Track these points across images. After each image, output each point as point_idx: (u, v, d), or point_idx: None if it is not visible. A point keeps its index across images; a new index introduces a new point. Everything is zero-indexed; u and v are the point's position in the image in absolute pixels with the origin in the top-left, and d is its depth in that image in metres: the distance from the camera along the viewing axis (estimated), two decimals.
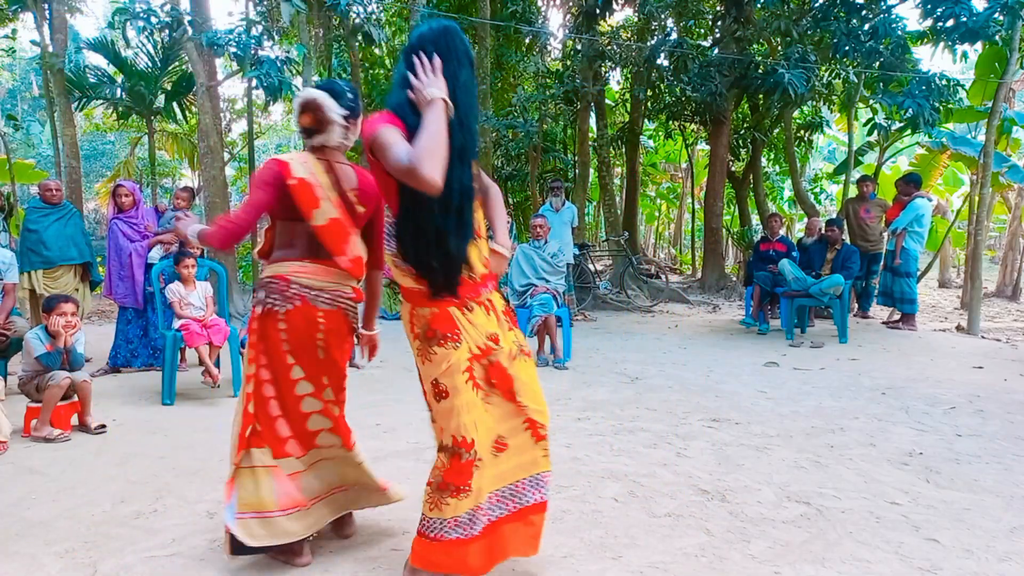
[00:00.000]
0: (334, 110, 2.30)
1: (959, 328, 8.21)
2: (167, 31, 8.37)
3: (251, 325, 2.31)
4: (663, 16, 11.39)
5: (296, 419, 2.30)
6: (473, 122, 2.00)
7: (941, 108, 8.64)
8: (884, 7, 8.94)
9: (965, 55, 8.32)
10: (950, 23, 7.77)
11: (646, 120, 14.61)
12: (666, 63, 10.78)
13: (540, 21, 12.44)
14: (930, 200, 8.26)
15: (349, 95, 2.36)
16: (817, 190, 16.51)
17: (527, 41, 12.51)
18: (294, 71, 10.28)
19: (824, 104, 12.13)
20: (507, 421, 2.12)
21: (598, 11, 10.61)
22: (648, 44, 10.97)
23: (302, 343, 2.28)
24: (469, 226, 2.02)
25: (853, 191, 9.20)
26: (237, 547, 2.21)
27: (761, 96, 11.38)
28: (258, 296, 2.31)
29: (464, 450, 2.00)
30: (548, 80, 12.11)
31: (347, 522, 2.51)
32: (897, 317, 7.84)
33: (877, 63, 8.89)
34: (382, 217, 2.21)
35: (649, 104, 13.45)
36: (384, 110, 1.99)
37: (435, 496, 2.04)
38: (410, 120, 1.91)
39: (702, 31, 12.57)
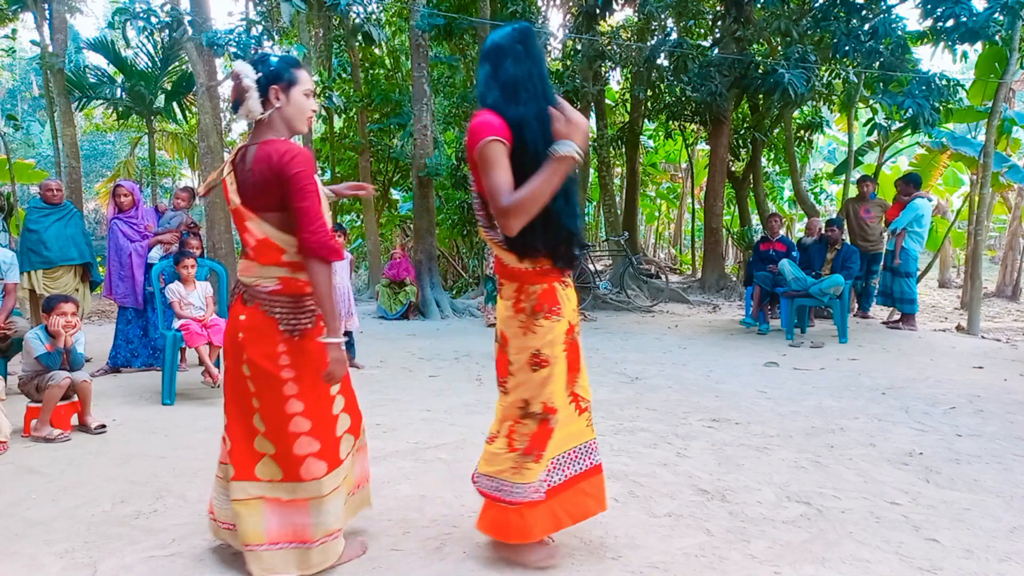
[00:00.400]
0: (249, 76, 2.14)
1: (959, 328, 8.21)
2: (167, 31, 8.39)
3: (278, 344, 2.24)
4: (663, 16, 11.39)
5: (321, 433, 2.26)
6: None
7: (941, 108, 8.65)
8: (884, 7, 8.94)
9: (965, 55, 8.32)
10: (950, 23, 7.77)
11: (646, 120, 14.61)
12: (666, 63, 10.78)
13: (540, 21, 12.43)
14: (930, 200, 8.26)
15: (273, 60, 2.20)
16: (817, 190, 16.52)
17: None
18: None
19: (824, 104, 12.13)
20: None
21: (598, 11, 10.61)
22: (648, 44, 10.97)
23: (228, 349, 2.24)
24: (577, 207, 2.17)
25: (853, 191, 9.20)
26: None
27: (761, 96, 11.39)
28: (276, 312, 2.23)
29: (551, 416, 2.17)
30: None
31: None
32: (897, 317, 7.84)
33: (877, 63, 8.89)
34: (293, 197, 2.06)
35: (649, 104, 13.45)
36: (487, 108, 2.04)
37: (520, 461, 2.16)
38: (510, 113, 2.01)
39: (702, 31, 12.58)
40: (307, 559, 2.18)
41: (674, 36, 11.22)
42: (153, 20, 7.98)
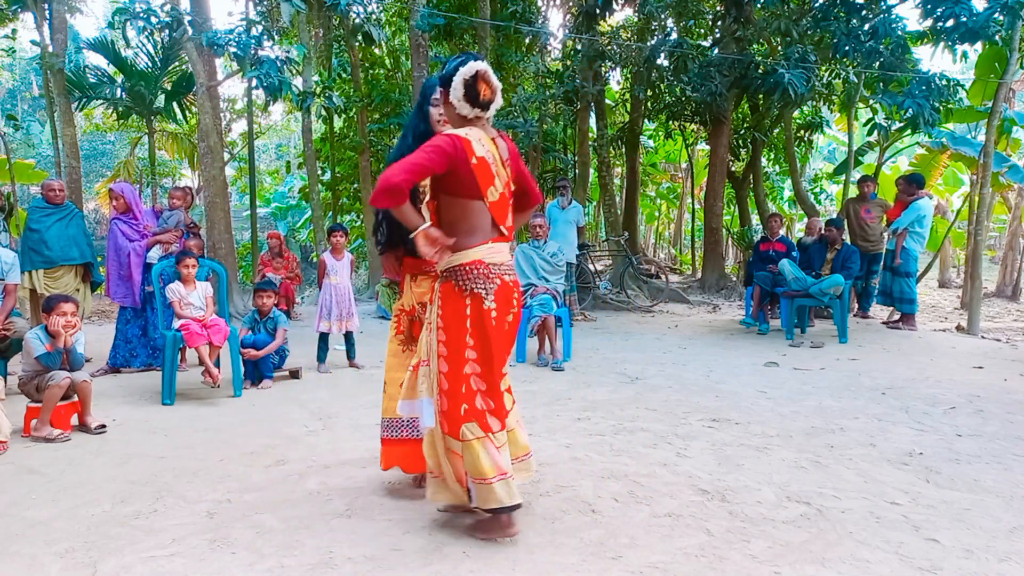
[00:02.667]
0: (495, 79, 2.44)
1: (959, 328, 8.21)
2: (167, 31, 8.38)
3: (455, 310, 2.41)
4: (663, 16, 11.39)
5: (496, 396, 2.48)
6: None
7: (941, 108, 8.65)
8: (884, 7, 8.94)
9: (965, 55, 8.32)
10: (950, 23, 7.77)
11: (646, 120, 14.60)
12: (666, 63, 10.78)
13: (540, 21, 12.43)
14: (931, 199, 8.26)
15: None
16: (817, 190, 16.52)
17: (527, 41, 12.51)
18: (294, 71, 10.29)
19: (824, 104, 12.13)
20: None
21: (598, 11, 10.60)
22: (648, 44, 10.97)
23: (502, 321, 2.48)
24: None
25: (853, 191, 9.20)
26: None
27: (761, 96, 11.39)
28: (461, 283, 2.40)
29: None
30: (548, 80, 12.11)
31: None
32: (897, 317, 7.84)
33: (877, 63, 8.89)
34: (525, 170, 2.64)
35: (649, 104, 13.44)
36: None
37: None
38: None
39: (702, 31, 12.57)
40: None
41: (674, 36, 11.22)
42: (153, 20, 7.97)
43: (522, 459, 2.65)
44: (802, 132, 13.00)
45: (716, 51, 11.04)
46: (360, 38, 10.32)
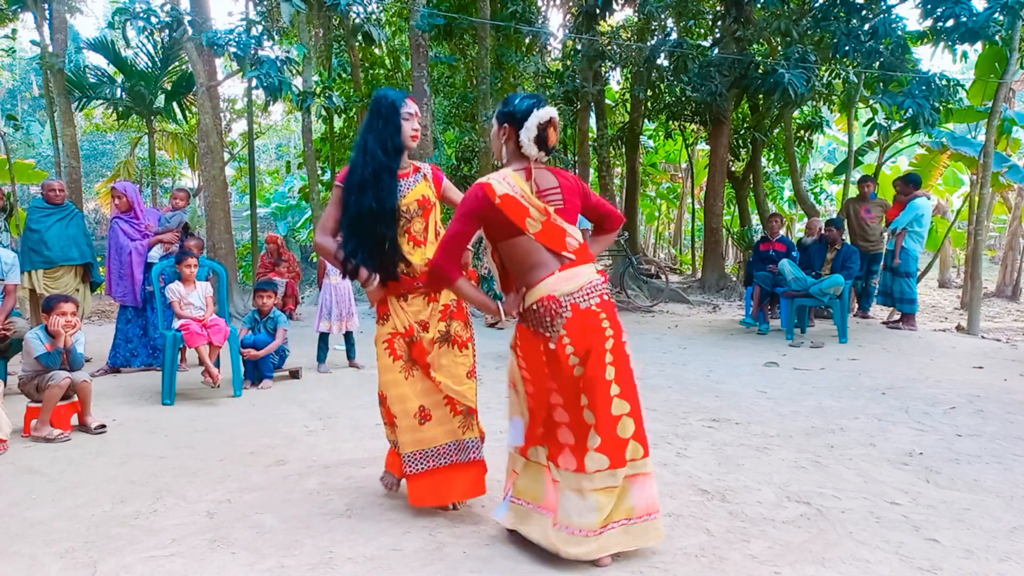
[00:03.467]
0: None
1: (959, 328, 8.21)
2: (167, 31, 8.38)
3: (532, 350, 2.35)
4: (663, 16, 11.40)
5: (580, 432, 2.30)
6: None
7: (941, 108, 8.65)
8: (884, 7, 8.94)
9: (965, 55, 8.31)
10: (950, 23, 7.77)
11: (646, 120, 14.61)
12: (666, 63, 10.78)
13: (540, 21, 12.43)
14: (928, 199, 8.26)
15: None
16: (817, 190, 16.51)
17: (527, 41, 12.51)
18: (294, 71, 10.28)
19: (824, 104, 12.13)
20: (429, 396, 2.67)
21: (598, 11, 10.61)
22: (648, 44, 10.97)
23: (582, 354, 2.31)
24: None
25: (853, 191, 9.20)
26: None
27: (761, 96, 11.39)
28: (530, 324, 2.35)
29: (382, 402, 2.75)
30: (548, 80, 12.12)
31: None
32: (897, 317, 7.84)
33: (877, 63, 8.89)
34: (593, 198, 2.60)
35: (649, 104, 13.45)
36: (348, 165, 2.66)
37: (390, 431, 2.77)
38: (352, 176, 2.65)
39: (702, 31, 12.58)
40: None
41: (674, 36, 11.22)
42: (153, 20, 7.97)
43: (625, 523, 2.30)
44: (802, 132, 13.00)
45: (716, 51, 11.04)
46: (360, 38, 10.32)
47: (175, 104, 12.47)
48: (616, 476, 2.25)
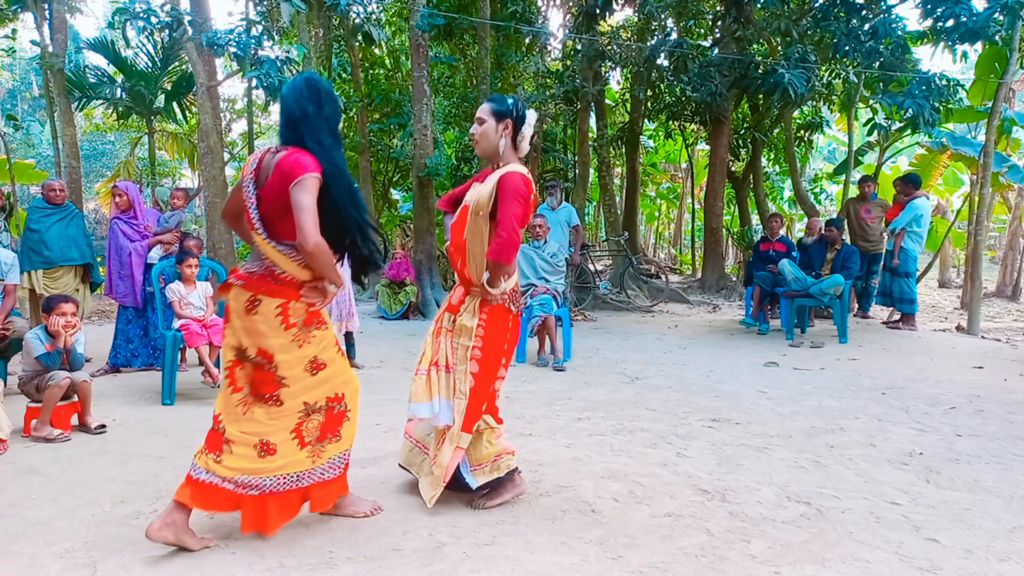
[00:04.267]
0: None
1: (959, 328, 8.21)
2: (167, 31, 8.38)
3: (508, 327, 2.70)
4: (663, 16, 11.40)
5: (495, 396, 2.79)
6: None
7: (941, 108, 8.65)
8: (884, 7, 8.94)
9: (965, 55, 8.32)
10: (950, 23, 7.77)
11: (646, 120, 14.61)
12: (666, 63, 10.78)
13: (540, 21, 12.43)
14: (928, 199, 8.26)
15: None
16: (817, 190, 16.52)
17: (527, 41, 12.51)
18: (294, 71, 10.28)
19: (824, 104, 12.13)
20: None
21: (598, 11, 10.61)
22: (648, 44, 10.97)
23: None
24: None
25: (853, 191, 9.20)
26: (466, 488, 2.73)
27: (761, 96, 11.39)
28: (510, 304, 2.71)
29: (337, 403, 2.51)
30: (548, 80, 12.12)
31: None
32: (897, 317, 7.84)
33: (877, 63, 8.89)
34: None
35: (649, 104, 13.45)
36: (316, 159, 2.30)
37: (316, 448, 2.47)
38: (330, 169, 2.33)
39: (702, 31, 12.58)
40: None
41: (674, 36, 11.22)
42: (153, 20, 7.97)
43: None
44: (802, 132, 13.00)
45: (716, 51, 11.04)
46: (360, 38, 10.32)
47: (175, 104, 12.48)
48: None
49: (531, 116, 2.69)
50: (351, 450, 2.61)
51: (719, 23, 11.56)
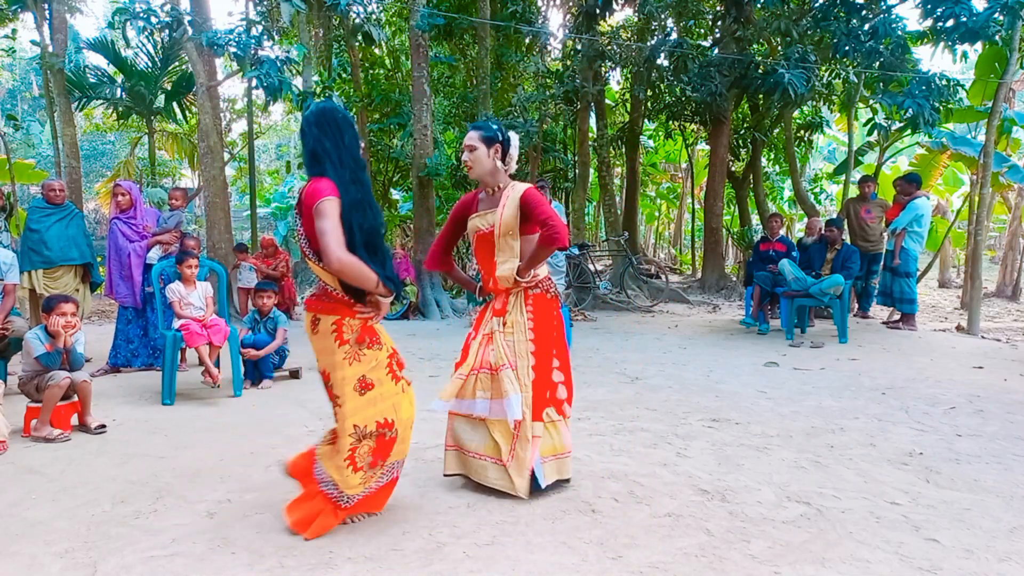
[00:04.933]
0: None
1: (959, 328, 8.21)
2: (167, 31, 8.38)
3: (554, 313, 2.95)
4: (663, 16, 11.40)
5: (569, 384, 2.99)
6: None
7: (941, 108, 8.65)
8: (884, 7, 8.94)
9: (965, 55, 8.32)
10: (950, 23, 7.77)
11: (646, 120, 14.61)
12: (666, 63, 10.78)
13: (540, 21, 12.44)
14: (929, 199, 8.26)
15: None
16: (817, 190, 16.52)
17: (527, 41, 12.51)
18: (294, 71, 10.28)
19: (824, 104, 12.13)
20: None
21: (598, 11, 10.61)
22: (648, 44, 10.97)
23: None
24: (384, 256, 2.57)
25: (853, 191, 9.20)
26: (536, 488, 2.83)
27: (761, 96, 11.39)
28: (549, 291, 2.97)
29: (388, 430, 2.55)
30: (548, 80, 12.12)
31: None
32: (897, 317, 7.84)
33: (877, 63, 8.89)
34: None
35: (649, 104, 13.45)
36: (331, 180, 2.42)
37: (367, 475, 2.55)
38: (349, 194, 2.42)
39: (702, 31, 12.58)
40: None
41: (674, 36, 11.22)
42: (153, 20, 7.97)
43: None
44: (802, 132, 13.00)
45: (716, 51, 11.04)
46: (360, 38, 10.32)
47: (175, 104, 12.48)
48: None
49: (514, 137, 2.95)
50: (403, 460, 2.70)
51: (719, 23, 11.56)
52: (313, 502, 2.55)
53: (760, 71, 9.92)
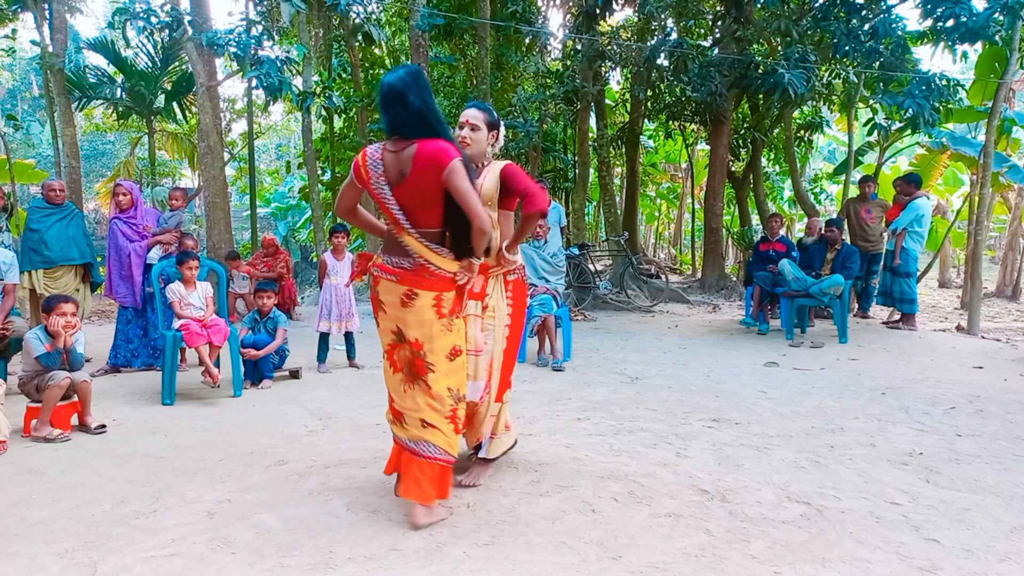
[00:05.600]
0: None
1: (959, 328, 8.21)
2: (167, 31, 8.39)
3: (523, 300, 3.02)
4: (663, 16, 11.40)
5: None
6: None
7: (941, 108, 8.65)
8: (884, 7, 8.94)
9: (965, 55, 8.32)
10: (950, 23, 7.77)
11: (646, 120, 14.61)
12: (666, 63, 10.78)
13: (540, 21, 12.44)
14: (929, 199, 8.26)
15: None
16: (817, 190, 16.52)
17: (527, 41, 12.51)
18: (294, 71, 10.29)
19: (824, 104, 12.13)
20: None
21: (598, 11, 10.61)
22: (648, 44, 10.97)
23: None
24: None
25: (854, 191, 9.20)
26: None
27: (761, 96, 11.39)
28: (524, 278, 3.06)
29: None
30: (548, 80, 12.12)
31: None
32: (897, 317, 7.84)
33: (877, 63, 8.89)
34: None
35: (649, 104, 13.45)
36: (452, 144, 2.47)
37: (468, 434, 2.96)
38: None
39: (702, 31, 12.58)
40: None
41: (674, 36, 11.21)
42: (153, 20, 7.98)
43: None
44: (802, 132, 13.00)
45: (716, 51, 11.04)
46: (360, 38, 10.33)
47: (175, 104, 12.49)
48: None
49: (503, 128, 3.08)
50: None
51: (719, 23, 11.56)
52: (427, 475, 2.59)
53: (760, 71, 9.92)
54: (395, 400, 2.70)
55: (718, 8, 11.68)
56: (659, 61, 10.74)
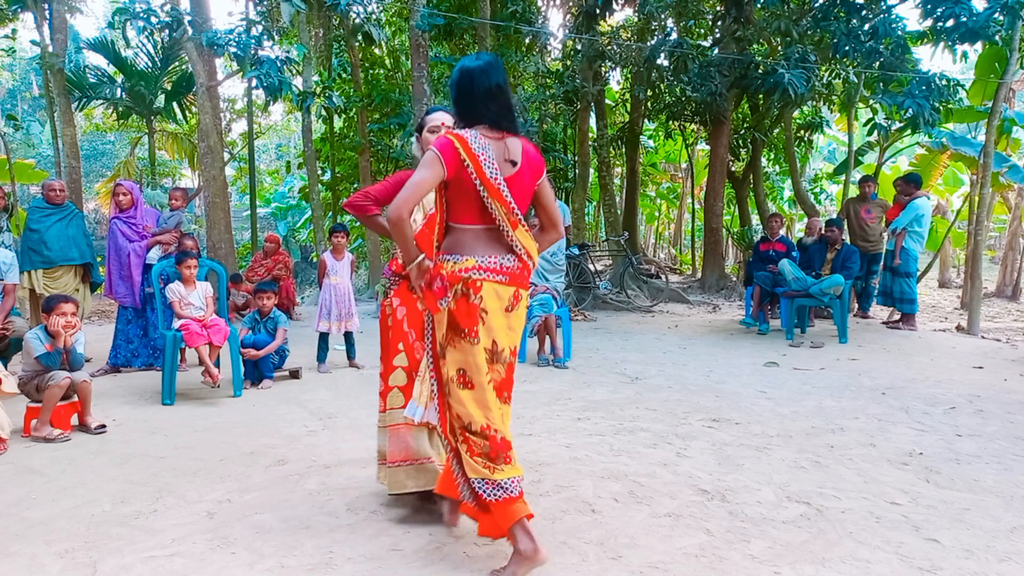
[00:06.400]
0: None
1: (959, 328, 8.21)
2: (167, 31, 8.39)
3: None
4: (663, 16, 11.40)
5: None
6: None
7: (941, 108, 8.65)
8: (884, 7, 8.94)
9: (965, 55, 8.32)
10: (950, 23, 7.77)
11: (646, 120, 14.61)
12: (666, 63, 10.78)
13: (540, 21, 12.44)
14: (929, 199, 8.26)
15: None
16: (817, 190, 16.51)
17: (527, 41, 12.51)
18: (294, 71, 10.29)
19: (824, 104, 12.14)
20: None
21: (598, 11, 10.61)
22: (648, 44, 10.97)
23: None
24: None
25: (853, 191, 9.20)
26: None
27: (761, 96, 11.39)
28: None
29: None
30: (548, 80, 12.12)
31: None
32: (897, 317, 7.84)
33: (877, 63, 8.89)
34: None
35: (649, 104, 13.45)
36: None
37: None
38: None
39: (702, 31, 12.58)
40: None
41: (674, 36, 11.22)
42: (153, 20, 7.98)
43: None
44: (802, 132, 13.00)
45: (716, 51, 11.04)
46: (360, 38, 10.33)
47: (175, 104, 12.48)
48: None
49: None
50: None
51: (719, 23, 11.56)
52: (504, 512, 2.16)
53: (760, 71, 9.92)
54: (498, 431, 2.19)
55: (718, 8, 11.68)
56: (659, 61, 10.74)
